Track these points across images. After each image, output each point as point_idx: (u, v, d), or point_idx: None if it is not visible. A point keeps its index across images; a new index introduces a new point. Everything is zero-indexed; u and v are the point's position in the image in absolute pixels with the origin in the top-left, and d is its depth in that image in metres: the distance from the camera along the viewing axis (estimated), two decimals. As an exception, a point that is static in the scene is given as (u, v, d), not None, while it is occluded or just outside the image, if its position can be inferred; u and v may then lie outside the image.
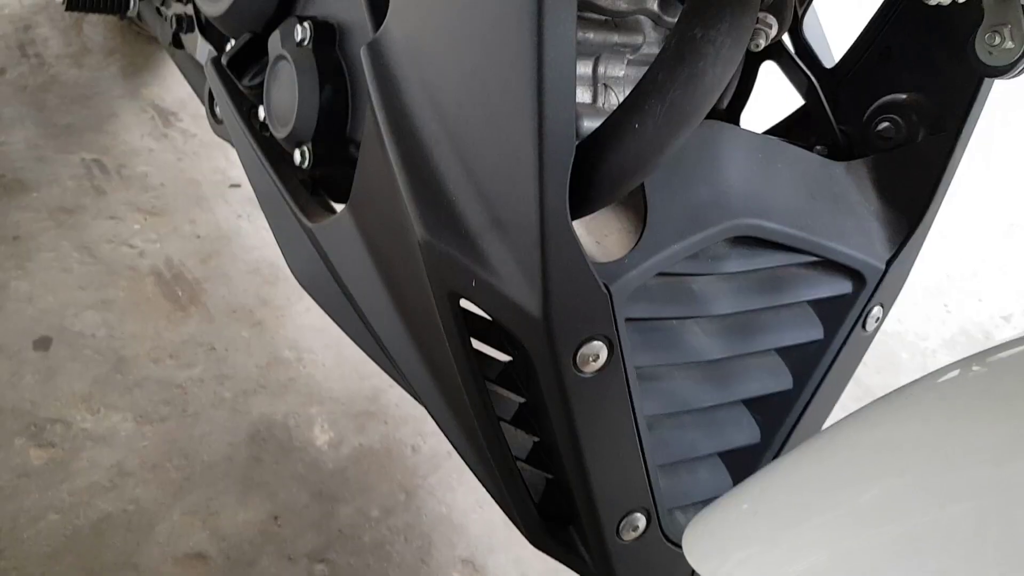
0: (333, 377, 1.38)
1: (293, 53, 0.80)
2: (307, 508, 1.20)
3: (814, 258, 0.79)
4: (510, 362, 0.73)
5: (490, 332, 0.72)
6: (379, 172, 0.72)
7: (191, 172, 1.69)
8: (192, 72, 1.18)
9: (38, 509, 1.14)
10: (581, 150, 0.62)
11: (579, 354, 0.66)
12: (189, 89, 1.87)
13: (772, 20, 0.66)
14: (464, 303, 0.69)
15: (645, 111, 0.60)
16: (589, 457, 0.70)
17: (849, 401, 0.92)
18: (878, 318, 0.85)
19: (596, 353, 0.66)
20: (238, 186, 1.68)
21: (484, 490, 1.27)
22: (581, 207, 0.64)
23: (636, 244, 0.68)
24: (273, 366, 1.37)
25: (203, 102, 1.14)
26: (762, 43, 0.66)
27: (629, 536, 0.75)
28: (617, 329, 0.66)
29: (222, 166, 1.71)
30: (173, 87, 1.88)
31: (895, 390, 0.57)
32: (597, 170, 0.63)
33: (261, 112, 0.89)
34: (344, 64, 0.81)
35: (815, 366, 0.82)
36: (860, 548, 0.45)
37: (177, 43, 1.19)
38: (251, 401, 1.32)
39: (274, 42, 0.83)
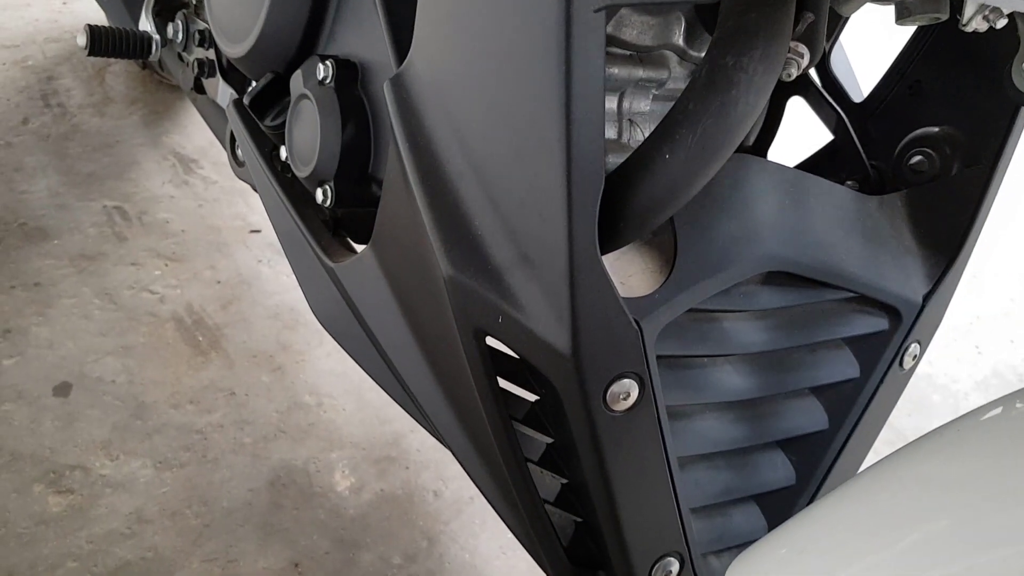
0: (354, 422, 1.36)
1: (315, 92, 0.80)
2: (328, 555, 1.18)
3: (849, 294, 0.77)
4: (537, 401, 0.71)
5: (517, 371, 0.70)
6: (403, 208, 0.71)
7: (211, 218, 1.69)
8: (213, 117, 1.18)
9: (56, 557, 1.12)
10: (610, 183, 0.61)
11: (609, 392, 0.64)
12: (209, 136, 1.89)
13: (804, 49, 0.64)
14: (490, 341, 0.68)
15: (676, 141, 0.59)
16: (620, 499, 0.68)
17: (881, 445, 0.89)
18: (915, 356, 0.82)
19: (627, 391, 0.64)
20: (258, 231, 1.67)
21: (508, 535, 1.25)
22: (610, 241, 0.62)
23: (666, 280, 0.66)
24: (293, 411, 1.35)
25: (224, 146, 1.14)
26: (794, 72, 0.65)
27: (662, 582, 0.73)
28: (648, 366, 0.64)
29: (242, 212, 1.71)
30: (194, 135, 1.89)
31: (938, 428, 0.55)
32: (627, 203, 0.61)
33: (283, 152, 0.89)
34: (367, 102, 0.80)
35: (851, 405, 0.80)
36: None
37: (199, 88, 1.19)
38: (271, 446, 1.30)
39: (296, 81, 0.83)
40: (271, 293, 1.55)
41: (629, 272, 0.70)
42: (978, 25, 0.62)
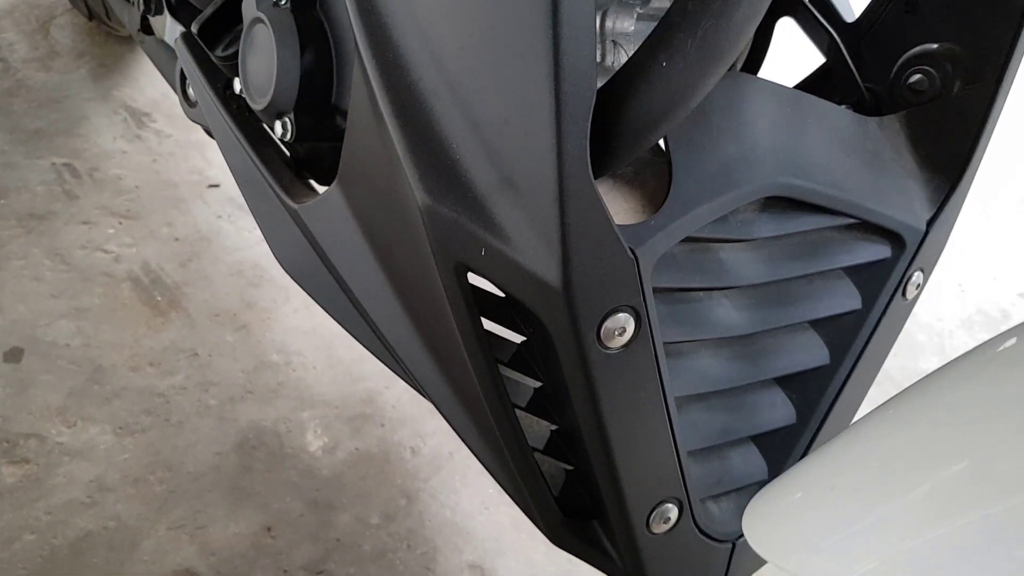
0: (325, 380, 1.30)
1: (270, 14, 0.73)
2: (302, 518, 1.12)
3: (850, 220, 0.72)
4: (524, 342, 0.66)
5: (501, 309, 0.64)
6: (371, 137, 0.64)
7: (167, 173, 1.61)
8: (163, 59, 1.11)
9: (13, 529, 1.06)
10: (601, 97, 0.55)
11: (603, 328, 0.59)
12: (162, 89, 1.80)
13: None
14: (472, 278, 0.62)
15: (674, 46, 0.53)
16: (616, 443, 0.63)
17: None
18: (919, 285, 0.78)
19: (622, 326, 0.59)
20: (217, 186, 1.60)
21: (490, 491, 1.20)
22: (603, 162, 0.57)
23: (662, 205, 0.61)
24: (260, 371, 1.29)
25: (174, 88, 1.07)
26: (795, -25, 0.59)
27: (660, 529, 0.68)
28: (645, 299, 0.59)
29: (199, 166, 1.63)
30: (145, 88, 1.80)
31: (950, 362, 0.50)
32: (620, 117, 0.56)
33: (237, 85, 0.82)
34: (327, 25, 0.73)
35: (853, 338, 0.75)
36: (957, 528, 0.39)
37: (146, 28, 1.11)
38: (238, 408, 1.24)
39: (249, 4, 0.76)
40: (233, 249, 1.48)
41: (622, 198, 0.65)
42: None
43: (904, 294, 0.77)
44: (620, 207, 0.63)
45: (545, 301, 0.58)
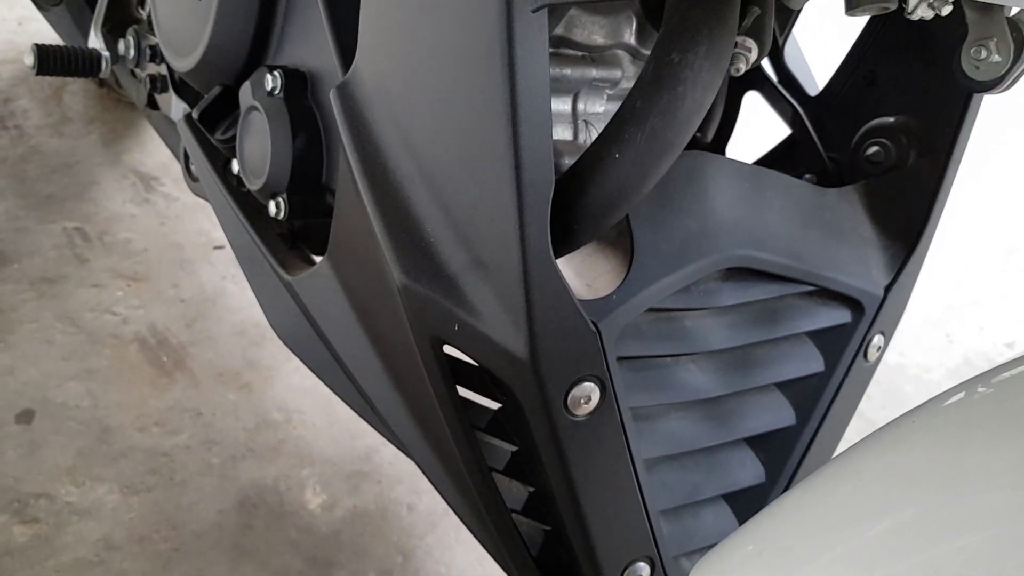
0: (324, 438, 1.34)
1: (264, 103, 0.78)
2: (301, 574, 1.16)
3: (810, 288, 0.77)
4: (499, 409, 0.70)
5: (477, 378, 0.69)
6: (355, 218, 0.69)
7: (174, 236, 1.66)
8: (168, 133, 1.17)
9: (21, 588, 1.10)
10: (561, 184, 0.60)
11: (570, 396, 0.63)
12: (169, 154, 1.86)
13: (752, 44, 0.64)
14: (448, 349, 0.66)
15: (625, 140, 0.58)
16: (587, 505, 0.67)
17: (855, 437, 0.88)
18: (879, 347, 0.82)
19: (588, 395, 0.63)
20: (222, 247, 1.65)
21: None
22: (565, 243, 0.61)
23: (624, 280, 0.65)
24: (262, 429, 1.33)
25: (180, 161, 1.13)
26: (742, 67, 0.64)
27: (634, 588, 0.72)
28: (608, 368, 0.64)
29: (205, 228, 1.69)
30: (154, 152, 1.86)
31: (899, 416, 0.54)
32: (579, 204, 0.60)
33: (234, 166, 0.87)
34: (317, 112, 0.79)
35: (818, 399, 0.79)
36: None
37: (152, 104, 1.17)
38: (240, 466, 1.28)
39: (245, 93, 0.82)
40: (236, 309, 1.53)
41: (589, 274, 0.69)
42: (924, 13, 0.62)
43: (866, 356, 0.81)
44: (585, 281, 0.68)
45: (514, 372, 0.62)
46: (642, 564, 0.71)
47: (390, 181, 0.64)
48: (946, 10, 0.62)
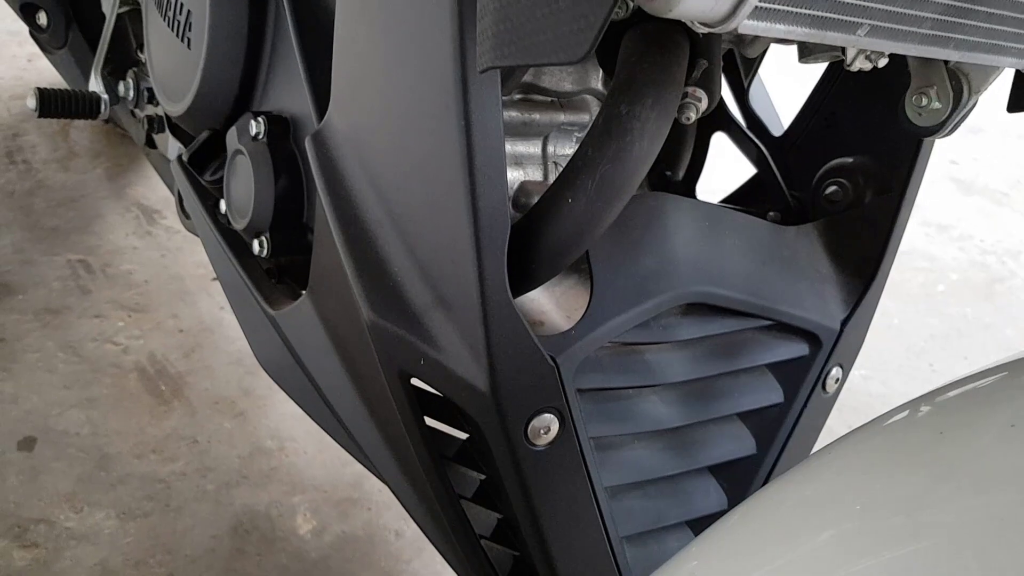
0: (315, 464, 1.37)
1: (249, 147, 0.83)
2: (290, 599, 1.19)
3: (768, 322, 0.80)
4: (467, 439, 0.74)
5: (444, 410, 0.72)
6: (331, 256, 0.73)
7: (174, 268, 1.71)
8: (166, 170, 1.21)
9: (19, 612, 1.13)
10: (521, 226, 0.64)
11: (530, 427, 0.66)
12: (173, 187, 1.92)
13: (701, 94, 0.68)
14: (416, 382, 0.70)
15: (577, 186, 0.62)
16: (549, 531, 0.70)
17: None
18: (838, 379, 0.85)
19: (547, 426, 0.67)
20: (221, 279, 1.70)
21: (469, 572, 1.26)
22: (524, 282, 0.65)
23: (583, 316, 0.69)
24: (255, 456, 1.37)
25: (175, 198, 1.17)
26: (692, 116, 0.68)
27: (598, 612, 0.75)
28: (567, 400, 0.67)
29: (204, 260, 1.72)
30: (157, 186, 1.92)
31: (843, 436, 0.57)
32: (535, 246, 0.64)
33: (221, 206, 0.92)
34: (298, 155, 0.83)
35: (778, 429, 0.82)
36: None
37: (150, 143, 1.22)
38: (233, 493, 1.31)
39: (231, 137, 0.86)
40: (233, 339, 1.57)
41: (569, 305, 0.73)
42: (862, 64, 0.66)
43: (824, 388, 0.84)
44: (565, 313, 0.71)
45: (477, 404, 0.66)
46: (605, 588, 0.74)
47: (360, 224, 0.68)
48: (883, 62, 0.66)
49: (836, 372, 0.84)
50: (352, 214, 0.68)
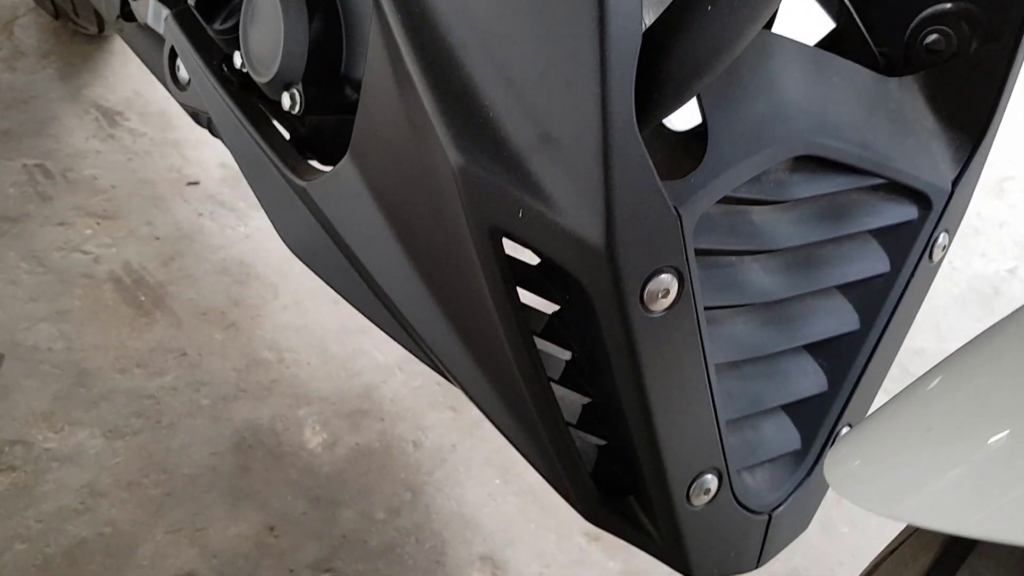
0: (319, 376, 1.26)
1: (275, -19, 0.70)
2: (305, 516, 1.09)
3: (878, 181, 0.71)
4: (555, 312, 0.64)
5: (533, 278, 0.62)
6: (391, 100, 0.62)
7: (143, 172, 1.56)
8: (145, 45, 1.07)
9: (2, 540, 1.02)
10: (644, 41, 0.53)
11: (647, 290, 0.56)
12: (134, 86, 1.75)
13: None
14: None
15: (718, -11, 0.51)
16: (658, 412, 0.61)
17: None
18: (944, 246, 0.77)
19: (666, 288, 0.57)
20: (196, 183, 1.56)
21: (496, 481, 1.18)
22: (645, 116, 0.54)
23: (700, 163, 0.59)
24: (253, 368, 1.26)
25: (157, 73, 1.03)
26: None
27: (700, 501, 0.66)
28: (688, 260, 0.57)
29: (177, 164, 1.59)
30: (116, 86, 1.75)
31: None
32: (663, 66, 0.53)
33: (237, 59, 0.79)
34: (334, -9, 0.71)
35: (882, 302, 0.74)
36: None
37: (126, 15, 1.07)
38: (232, 407, 1.20)
39: (251, -27, 0.73)
40: (216, 247, 1.44)
41: (655, 155, 0.62)
42: None
43: (931, 256, 0.76)
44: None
45: (586, 263, 0.55)
46: (710, 476, 0.66)
47: (442, 50, 0.56)
48: None
49: (943, 239, 0.76)
50: (431, 39, 0.57)
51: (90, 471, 1.11)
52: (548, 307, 0.64)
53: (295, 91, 0.72)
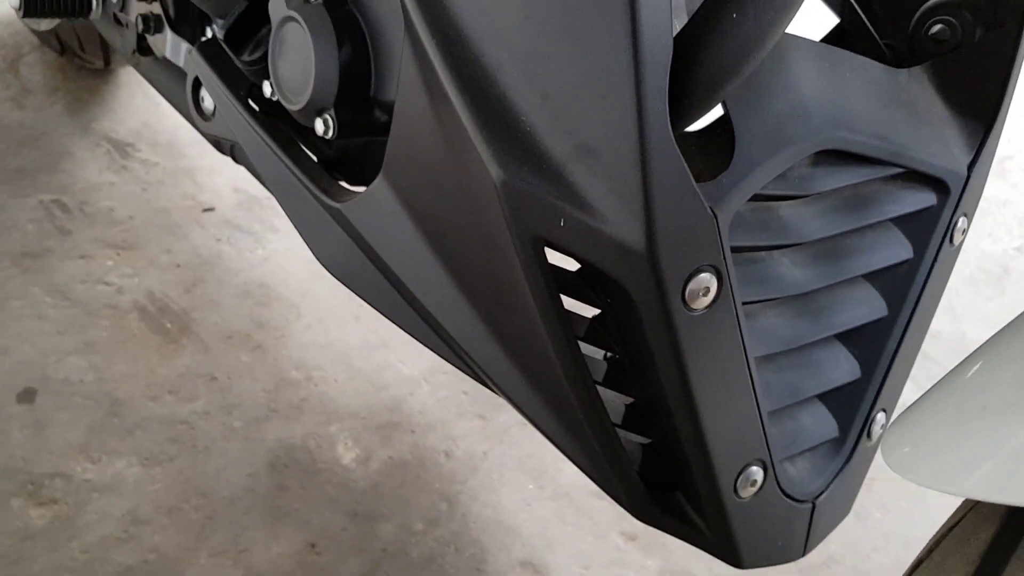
0: (348, 392, 1.28)
1: (302, 12, 0.72)
2: (345, 531, 1.11)
3: (897, 170, 0.73)
4: (596, 316, 0.66)
5: (573, 284, 0.64)
6: (425, 120, 0.64)
7: (159, 201, 1.58)
8: (163, 78, 1.09)
9: (49, 572, 1.03)
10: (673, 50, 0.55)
11: (688, 289, 0.58)
12: (143, 118, 1.77)
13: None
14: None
15: (742, -5, 0.53)
16: (703, 407, 0.63)
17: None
18: (964, 230, 0.79)
19: (706, 286, 0.59)
20: (212, 210, 1.58)
21: (530, 487, 1.20)
22: (675, 122, 0.57)
23: (730, 164, 0.61)
24: (282, 388, 1.27)
25: (177, 106, 1.06)
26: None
27: (747, 492, 0.68)
28: (725, 258, 0.59)
29: (191, 191, 1.61)
30: (125, 118, 1.77)
31: None
32: (691, 73, 0.56)
33: (266, 89, 0.81)
34: (361, 18, 0.73)
35: (908, 288, 0.76)
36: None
37: (143, 49, 1.09)
38: (264, 428, 1.22)
39: (277, 4, 0.75)
40: (236, 271, 1.46)
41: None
42: None
43: (951, 240, 0.77)
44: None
45: (628, 266, 0.57)
46: (755, 468, 0.68)
47: (477, 70, 0.58)
48: None
49: (962, 222, 0.78)
50: (466, 59, 0.59)
51: (130, 499, 1.13)
52: (588, 311, 0.66)
53: (328, 116, 0.74)
